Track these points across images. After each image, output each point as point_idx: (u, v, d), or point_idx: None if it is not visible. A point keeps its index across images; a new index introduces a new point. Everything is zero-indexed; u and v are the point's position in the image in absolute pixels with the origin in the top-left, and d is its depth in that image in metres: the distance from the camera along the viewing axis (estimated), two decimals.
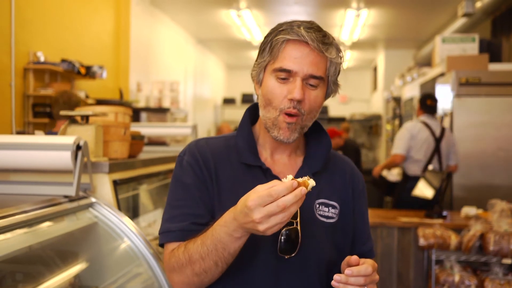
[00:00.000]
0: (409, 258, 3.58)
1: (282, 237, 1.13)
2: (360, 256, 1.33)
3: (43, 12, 4.95)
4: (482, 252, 3.11)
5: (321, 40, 1.17)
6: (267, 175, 1.25)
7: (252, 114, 1.33)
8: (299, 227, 1.14)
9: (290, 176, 1.03)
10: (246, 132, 1.29)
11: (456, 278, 3.10)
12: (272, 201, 0.98)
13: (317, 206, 1.26)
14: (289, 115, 1.19)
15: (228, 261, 1.11)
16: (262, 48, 1.23)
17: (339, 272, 1.14)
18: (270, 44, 1.20)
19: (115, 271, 1.88)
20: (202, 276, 1.13)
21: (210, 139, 1.32)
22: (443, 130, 4.38)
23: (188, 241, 1.16)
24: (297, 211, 1.13)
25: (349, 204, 1.31)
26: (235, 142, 1.29)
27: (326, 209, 1.26)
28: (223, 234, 1.07)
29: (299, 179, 1.02)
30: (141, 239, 1.86)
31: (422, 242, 3.21)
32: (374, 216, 3.86)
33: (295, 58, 1.17)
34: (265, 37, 1.23)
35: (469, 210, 3.78)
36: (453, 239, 3.17)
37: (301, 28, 1.17)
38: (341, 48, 1.24)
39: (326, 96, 1.26)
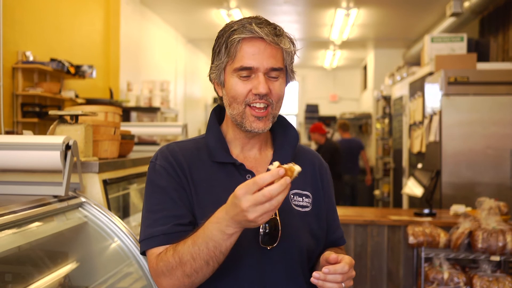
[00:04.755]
0: (399, 256, 3.60)
1: (262, 229, 1.17)
2: (333, 243, 1.40)
3: (32, 11, 4.91)
4: (471, 250, 3.13)
5: (274, 32, 1.22)
6: (241, 171, 1.27)
7: (218, 115, 1.36)
8: (278, 218, 1.17)
9: (276, 163, 1.05)
10: (215, 131, 1.32)
11: (445, 275, 3.12)
12: (258, 189, 1.00)
13: (292, 196, 1.29)
14: (258, 108, 1.22)
15: (220, 260, 1.11)
16: (217, 50, 1.25)
17: (318, 260, 1.18)
18: (226, 45, 1.22)
19: (105, 271, 1.88)
20: (193, 277, 1.13)
21: (180, 142, 1.34)
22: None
23: (177, 243, 1.16)
24: None
25: (320, 192, 1.36)
26: (205, 143, 1.31)
27: (300, 199, 1.30)
28: (215, 232, 1.08)
29: (285, 166, 1.04)
30: (131, 238, 1.86)
31: (411, 240, 3.23)
32: (364, 214, 3.88)
33: (253, 54, 1.20)
34: (217, 39, 1.26)
35: (457, 208, 3.81)
36: (442, 237, 3.20)
37: (253, 24, 1.20)
38: (292, 37, 1.28)
39: (287, 84, 1.31)
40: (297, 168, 1.05)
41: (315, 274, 1.10)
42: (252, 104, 1.22)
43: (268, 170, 1.04)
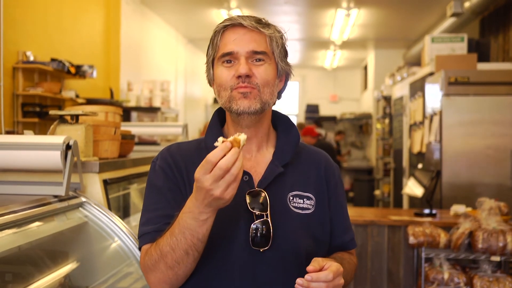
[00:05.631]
0: (399, 256, 3.60)
1: (253, 231, 1.17)
2: (340, 247, 1.38)
3: (32, 11, 4.92)
4: (471, 250, 3.13)
5: (256, 20, 1.25)
6: None
7: (221, 116, 1.36)
8: (269, 220, 1.17)
9: (221, 138, 1.06)
10: (215, 132, 1.32)
11: (446, 275, 3.12)
12: (213, 166, 1.02)
13: (291, 198, 1.27)
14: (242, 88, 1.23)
15: (199, 248, 1.12)
16: (207, 49, 1.31)
17: None
18: (211, 40, 1.29)
19: (106, 270, 1.88)
20: (176, 268, 1.14)
21: (182, 144, 1.36)
22: None
23: (159, 238, 1.18)
24: (267, 204, 1.18)
25: (324, 194, 1.33)
26: (205, 143, 1.31)
27: (301, 200, 1.28)
28: (190, 220, 1.09)
29: (230, 138, 1.05)
30: (131, 238, 1.86)
31: (412, 240, 3.23)
32: (364, 214, 3.88)
33: (234, 40, 1.24)
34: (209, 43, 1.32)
35: (458, 208, 3.81)
36: (443, 237, 3.20)
37: (235, 16, 1.27)
38: (280, 28, 1.29)
39: (279, 74, 1.30)
40: (242, 137, 1.06)
41: (298, 281, 1.09)
42: (236, 88, 1.24)
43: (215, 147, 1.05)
